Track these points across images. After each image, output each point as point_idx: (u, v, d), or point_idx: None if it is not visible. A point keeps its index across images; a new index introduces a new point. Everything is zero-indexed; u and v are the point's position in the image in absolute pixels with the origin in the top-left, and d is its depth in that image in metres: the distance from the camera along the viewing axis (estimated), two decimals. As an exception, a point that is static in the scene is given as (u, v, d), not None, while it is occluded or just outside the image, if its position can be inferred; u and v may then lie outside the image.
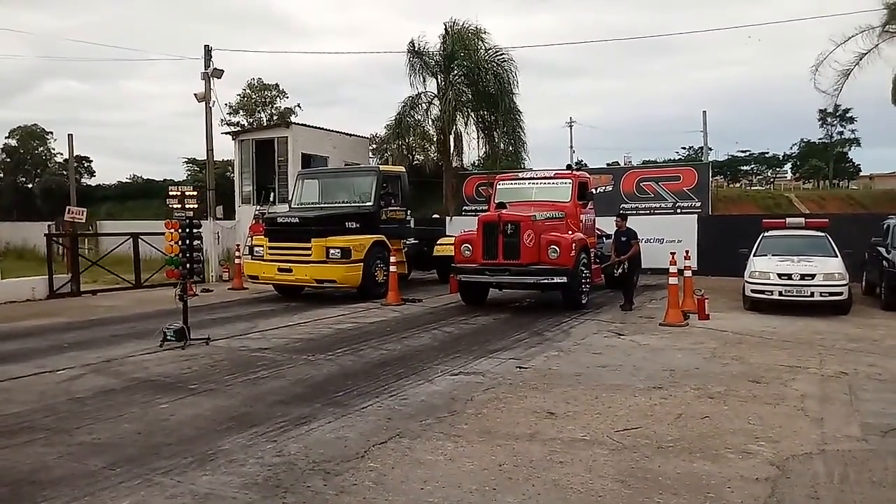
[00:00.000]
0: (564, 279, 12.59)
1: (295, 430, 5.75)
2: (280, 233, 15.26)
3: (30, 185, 53.12)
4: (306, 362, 8.61)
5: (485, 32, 25.64)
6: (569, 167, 14.90)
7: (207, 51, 21.03)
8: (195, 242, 10.06)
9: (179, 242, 9.84)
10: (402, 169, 18.04)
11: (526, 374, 7.80)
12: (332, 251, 14.50)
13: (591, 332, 10.67)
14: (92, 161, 56.27)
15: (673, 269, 11.90)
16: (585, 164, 18.62)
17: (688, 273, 12.92)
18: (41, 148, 55.20)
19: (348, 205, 16.02)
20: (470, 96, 25.42)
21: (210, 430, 5.82)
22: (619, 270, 13.52)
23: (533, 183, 14.97)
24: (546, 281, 12.78)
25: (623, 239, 13.50)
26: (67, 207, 19.73)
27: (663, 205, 21.42)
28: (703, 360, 8.51)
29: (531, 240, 12.70)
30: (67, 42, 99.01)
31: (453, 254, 13.98)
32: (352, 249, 14.58)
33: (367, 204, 15.78)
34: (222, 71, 20.96)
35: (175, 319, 10.02)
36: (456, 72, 25.68)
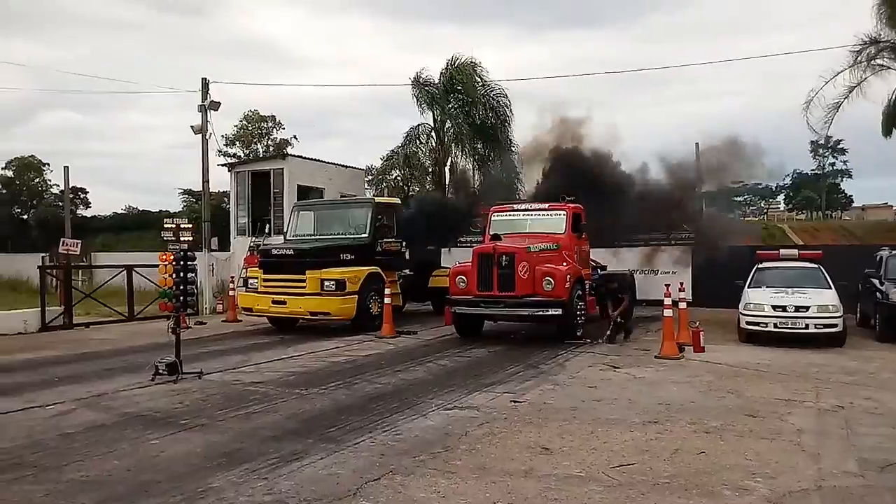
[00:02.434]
0: (559, 311, 12.57)
1: (286, 466, 5.68)
2: (275, 265, 15.22)
3: (25, 217, 53.17)
4: (299, 396, 8.53)
5: (480, 66, 26.12)
6: (563, 199, 14.92)
7: (205, 83, 21.19)
8: (189, 275, 10.02)
9: (173, 275, 9.80)
10: (398, 200, 18.12)
11: (521, 409, 7.74)
12: (326, 283, 14.44)
13: (587, 365, 10.62)
14: (88, 192, 56.66)
15: (668, 301, 11.90)
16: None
17: (683, 305, 12.90)
18: (37, 179, 55.37)
19: (343, 237, 16.02)
20: (466, 128, 25.72)
21: (201, 466, 5.75)
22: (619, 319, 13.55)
23: (528, 214, 14.98)
24: (541, 313, 12.76)
25: (620, 295, 13.58)
26: (62, 239, 19.71)
27: (658, 236, 21.42)
28: (698, 394, 8.46)
29: (526, 271, 12.70)
30: (65, 74, 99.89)
31: (448, 285, 13.96)
32: (347, 281, 14.53)
33: (363, 236, 15.78)
34: (219, 103, 21.09)
35: (168, 353, 9.94)
36: (452, 104, 26.03)
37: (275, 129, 46.02)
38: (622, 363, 10.78)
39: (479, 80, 26.11)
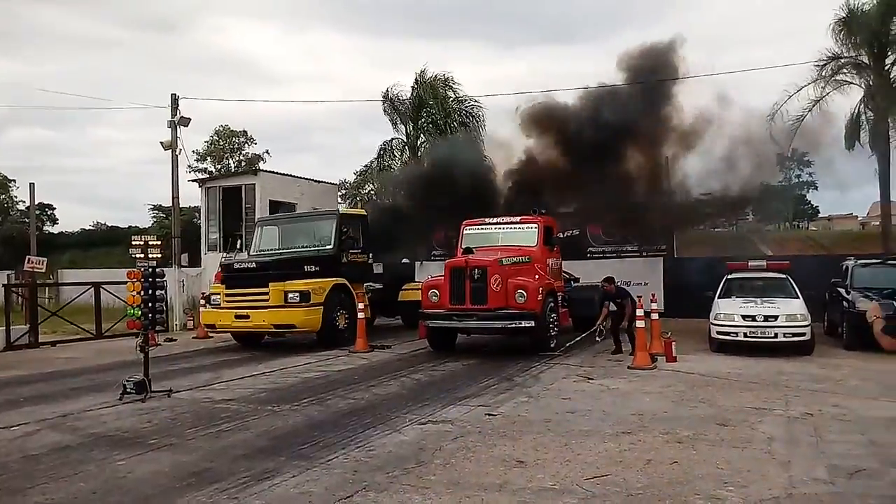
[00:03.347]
0: (532, 323, 12.58)
1: (258, 485, 5.58)
2: (237, 279, 14.96)
3: (-10, 234, 51.99)
4: (271, 413, 8.42)
5: (453, 82, 26.32)
6: (535, 211, 15.01)
7: (174, 99, 21.02)
8: (158, 292, 9.85)
9: (141, 293, 9.64)
10: (364, 212, 17.90)
11: (495, 422, 7.72)
12: (290, 295, 14.25)
13: (561, 377, 10.64)
14: (55, 208, 55.60)
15: (640, 312, 11.98)
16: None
17: (655, 316, 13.01)
18: (3, 196, 54.24)
19: (308, 249, 15.84)
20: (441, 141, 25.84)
21: (169, 487, 5.62)
22: (602, 338, 13.40)
23: (499, 227, 15.02)
24: (514, 325, 12.75)
25: (618, 301, 13.08)
26: (27, 257, 19.29)
27: (629, 248, 21.69)
28: (671, 404, 8.52)
29: (498, 284, 12.71)
30: (34, 91, 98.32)
31: (420, 299, 13.91)
32: (311, 293, 14.33)
33: (327, 247, 15.61)
34: (189, 119, 20.92)
35: (136, 371, 9.78)
36: (424, 119, 26.15)
37: (247, 144, 45.86)
38: (595, 374, 10.82)
39: (451, 94, 26.27)
